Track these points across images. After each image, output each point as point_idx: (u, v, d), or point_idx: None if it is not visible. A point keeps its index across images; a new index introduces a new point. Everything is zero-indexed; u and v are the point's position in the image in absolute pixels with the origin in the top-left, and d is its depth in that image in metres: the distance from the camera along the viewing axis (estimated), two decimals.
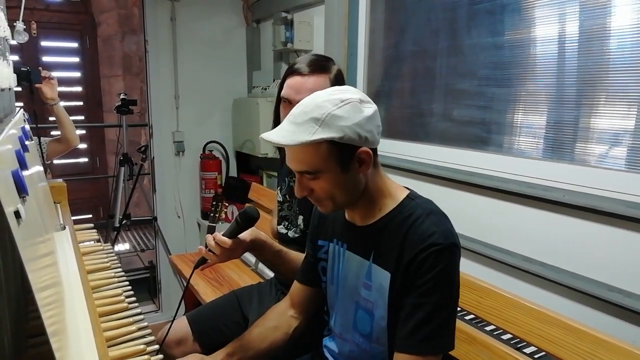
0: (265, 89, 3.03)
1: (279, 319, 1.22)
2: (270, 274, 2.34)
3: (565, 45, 1.45)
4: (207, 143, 3.28)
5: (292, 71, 1.34)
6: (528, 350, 1.30)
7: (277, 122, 1.41)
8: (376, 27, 2.24)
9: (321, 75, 1.32)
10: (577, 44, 1.41)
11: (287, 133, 0.90)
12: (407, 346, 0.93)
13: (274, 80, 2.97)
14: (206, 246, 1.17)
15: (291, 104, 1.29)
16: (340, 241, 1.09)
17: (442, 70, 1.91)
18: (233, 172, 3.42)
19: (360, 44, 2.28)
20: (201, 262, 1.18)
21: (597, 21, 1.35)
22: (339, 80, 1.35)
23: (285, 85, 1.34)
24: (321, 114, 0.88)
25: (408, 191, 1.04)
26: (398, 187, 1.04)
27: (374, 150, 0.97)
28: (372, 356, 1.05)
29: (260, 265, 2.49)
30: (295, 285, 1.24)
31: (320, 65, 1.33)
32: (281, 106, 1.36)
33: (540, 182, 1.47)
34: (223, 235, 1.14)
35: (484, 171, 1.66)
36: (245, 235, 1.17)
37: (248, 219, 1.13)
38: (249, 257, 2.62)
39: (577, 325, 1.21)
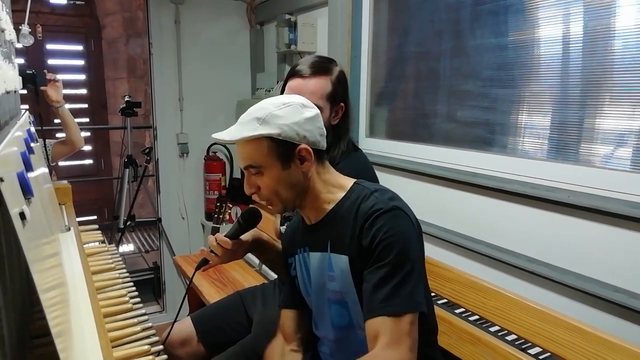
0: (269, 90, 3.03)
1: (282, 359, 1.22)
2: (274, 275, 2.34)
3: (570, 45, 1.45)
4: (211, 145, 3.29)
5: (293, 73, 1.34)
6: (533, 351, 1.30)
7: None
8: (380, 29, 2.24)
9: (322, 77, 1.32)
10: (581, 45, 1.41)
11: (232, 131, 1.01)
12: (369, 311, 0.94)
13: (277, 82, 2.97)
14: (210, 249, 1.17)
15: None
16: (302, 247, 1.12)
17: (445, 72, 1.91)
18: (237, 174, 3.42)
19: (363, 45, 2.28)
20: (203, 263, 1.19)
21: (601, 21, 1.34)
22: (340, 81, 1.35)
23: (286, 87, 1.35)
24: (262, 114, 0.98)
25: (354, 180, 1.08)
26: (346, 179, 1.09)
27: (317, 150, 1.02)
28: (360, 344, 1.03)
29: (264, 267, 2.49)
30: (284, 315, 1.22)
31: (322, 66, 1.34)
32: None
33: (545, 183, 1.46)
34: (225, 236, 1.15)
35: (488, 172, 1.65)
36: (247, 236, 1.18)
37: (250, 220, 1.15)
38: (253, 258, 2.62)
39: (582, 326, 1.21)
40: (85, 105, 5.17)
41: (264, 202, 1.06)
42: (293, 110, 0.99)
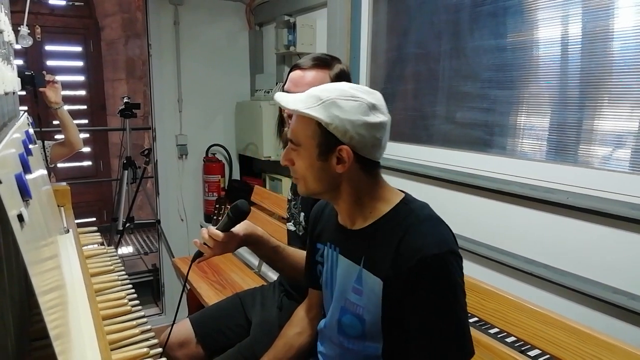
0: (268, 92, 3.03)
1: (301, 324, 1.25)
2: (273, 276, 2.34)
3: (568, 47, 1.45)
4: (210, 146, 3.28)
5: (294, 66, 1.36)
6: (532, 353, 1.30)
7: (281, 118, 1.42)
8: (378, 30, 2.24)
9: (321, 70, 1.32)
10: (579, 46, 1.41)
11: (292, 99, 0.96)
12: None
13: (276, 83, 2.97)
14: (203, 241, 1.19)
15: None
16: (334, 245, 1.09)
17: (444, 73, 1.91)
18: (236, 175, 3.42)
19: (362, 46, 2.28)
20: (197, 256, 1.20)
21: (600, 23, 1.34)
22: (340, 78, 1.35)
23: (288, 79, 1.36)
24: (325, 96, 0.92)
25: (403, 195, 1.02)
26: (393, 190, 1.03)
27: (365, 159, 0.95)
28: (365, 356, 1.03)
29: (264, 268, 2.49)
30: (310, 291, 1.25)
31: (322, 60, 1.34)
32: None
33: (544, 184, 1.46)
34: (217, 229, 1.16)
35: (487, 173, 1.65)
36: (239, 229, 1.18)
37: (239, 213, 1.15)
38: (252, 259, 2.62)
39: (581, 328, 1.21)
40: (84, 107, 5.16)
41: (294, 179, 1.03)
42: (357, 107, 0.91)
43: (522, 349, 1.31)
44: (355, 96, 0.92)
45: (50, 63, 4.86)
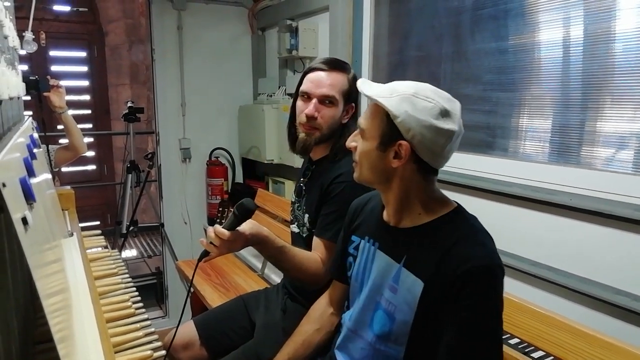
0: (271, 95, 3.04)
1: (321, 320, 1.25)
2: (276, 279, 2.34)
3: (570, 49, 1.45)
4: (213, 150, 3.30)
5: (312, 68, 1.37)
6: (536, 354, 1.29)
7: (292, 119, 1.42)
8: (380, 34, 2.25)
9: (340, 73, 1.35)
10: (581, 48, 1.41)
11: (371, 86, 0.98)
12: None
13: (279, 87, 2.98)
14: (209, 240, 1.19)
15: (310, 98, 1.34)
16: (373, 239, 1.09)
17: (446, 76, 1.91)
18: (239, 179, 3.43)
19: (364, 50, 2.29)
20: (204, 255, 1.20)
21: (602, 25, 1.34)
22: (354, 82, 1.36)
23: (305, 80, 1.37)
24: (402, 91, 0.93)
25: (456, 204, 1.03)
26: (446, 198, 1.03)
27: (423, 162, 0.95)
28: (386, 357, 1.03)
29: (267, 271, 2.49)
30: (335, 283, 1.26)
31: (340, 64, 1.38)
32: (300, 101, 1.38)
33: (546, 186, 1.46)
34: (223, 227, 1.16)
35: (490, 175, 1.65)
36: (245, 228, 1.18)
37: (245, 211, 1.16)
38: (256, 262, 2.63)
39: (585, 330, 1.20)
40: (89, 111, 5.20)
41: (353, 162, 1.04)
42: (429, 109, 0.91)
43: (526, 350, 1.31)
44: (431, 98, 0.92)
45: (54, 68, 4.90)
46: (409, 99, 0.91)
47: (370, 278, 1.07)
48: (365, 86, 0.99)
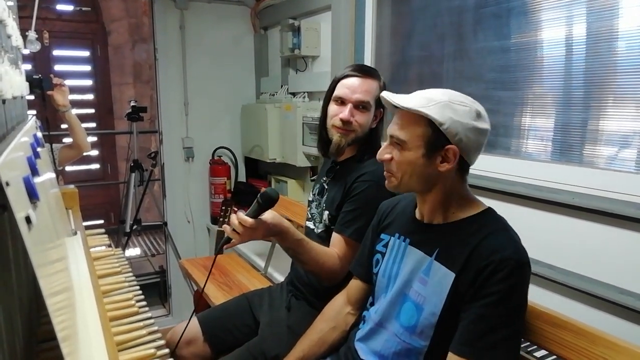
0: (273, 94, 3.04)
1: (337, 318, 1.26)
2: (279, 278, 2.35)
3: (573, 47, 1.45)
4: (216, 149, 3.30)
5: (345, 75, 1.41)
6: (539, 354, 1.29)
7: (323, 123, 1.46)
8: (382, 33, 2.24)
9: (373, 80, 1.40)
10: (584, 46, 1.41)
11: (405, 98, 1.00)
12: (469, 352, 0.93)
13: (281, 86, 2.99)
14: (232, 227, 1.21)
15: (344, 103, 1.38)
16: (404, 236, 1.12)
17: (448, 74, 1.91)
18: (242, 178, 3.44)
19: (367, 49, 2.29)
20: (226, 241, 1.23)
21: (604, 23, 1.34)
22: (384, 88, 1.40)
23: (339, 86, 1.41)
24: (438, 98, 0.97)
25: (487, 206, 1.06)
26: (478, 200, 1.08)
27: (464, 162, 1.01)
28: (408, 350, 1.04)
29: (270, 270, 2.49)
30: (354, 282, 1.27)
31: (372, 71, 1.43)
32: (334, 105, 1.42)
33: (549, 185, 1.46)
34: (246, 215, 1.19)
35: (492, 174, 1.65)
36: (267, 217, 1.22)
37: (268, 200, 1.19)
38: (259, 261, 2.63)
39: (588, 329, 1.20)
40: (92, 111, 5.20)
41: (386, 173, 1.06)
42: (468, 112, 0.97)
43: (529, 349, 1.31)
44: (464, 102, 0.98)
45: (58, 67, 4.90)
46: (448, 105, 0.96)
47: (400, 272, 1.09)
48: (397, 99, 1.00)
